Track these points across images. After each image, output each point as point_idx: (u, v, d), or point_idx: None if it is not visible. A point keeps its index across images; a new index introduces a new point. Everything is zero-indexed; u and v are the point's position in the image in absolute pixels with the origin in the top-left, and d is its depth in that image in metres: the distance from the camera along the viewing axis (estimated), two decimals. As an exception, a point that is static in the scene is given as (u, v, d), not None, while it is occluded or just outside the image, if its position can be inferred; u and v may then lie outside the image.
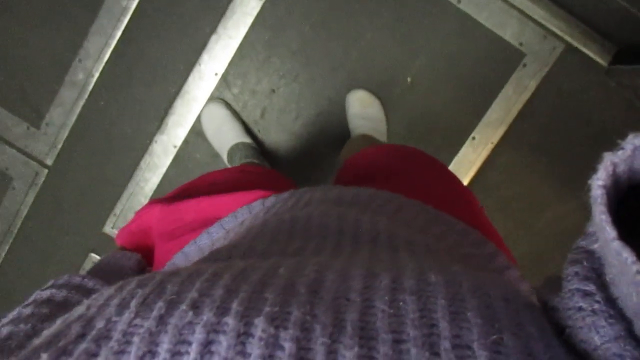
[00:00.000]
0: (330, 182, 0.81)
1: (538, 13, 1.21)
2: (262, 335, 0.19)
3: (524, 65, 1.23)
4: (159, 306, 0.20)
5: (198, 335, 0.19)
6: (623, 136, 0.18)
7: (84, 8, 1.20)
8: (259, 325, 0.19)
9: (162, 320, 0.20)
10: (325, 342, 0.19)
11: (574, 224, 1.29)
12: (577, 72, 1.24)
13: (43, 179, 1.30)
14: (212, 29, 1.20)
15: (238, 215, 0.44)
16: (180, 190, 0.60)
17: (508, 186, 1.30)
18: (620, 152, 0.18)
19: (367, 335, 0.19)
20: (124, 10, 1.19)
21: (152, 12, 1.19)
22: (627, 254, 0.16)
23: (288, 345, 0.18)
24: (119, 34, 1.20)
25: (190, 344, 0.19)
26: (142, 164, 1.28)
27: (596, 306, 0.19)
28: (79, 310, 0.22)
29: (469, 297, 0.21)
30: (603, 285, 0.19)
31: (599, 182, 0.18)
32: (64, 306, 0.34)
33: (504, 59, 1.23)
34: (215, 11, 1.19)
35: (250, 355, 0.18)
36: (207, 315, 0.20)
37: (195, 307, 0.20)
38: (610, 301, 0.19)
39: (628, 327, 0.18)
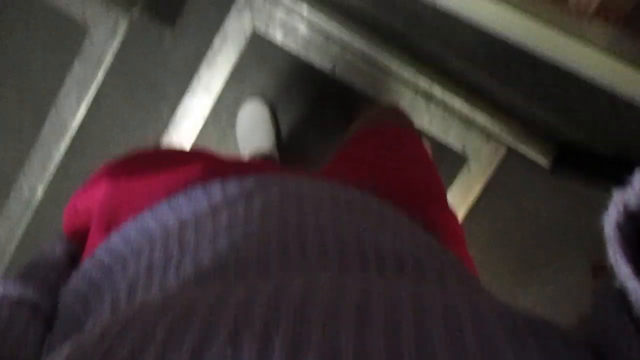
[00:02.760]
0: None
1: (479, 118, 1.23)
2: None
3: (469, 170, 1.25)
4: (191, 338, 0.18)
5: None
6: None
7: (30, 123, 1.20)
8: None
9: (195, 356, 0.17)
10: None
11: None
12: (521, 172, 1.25)
13: None
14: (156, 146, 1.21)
15: (193, 198, 0.36)
16: (131, 160, 0.49)
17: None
18: (629, 190, 0.18)
19: None
20: (67, 127, 1.19)
21: (97, 129, 1.20)
22: None
23: None
24: (63, 148, 1.20)
25: None
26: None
27: (630, 341, 0.18)
28: (91, 336, 0.19)
29: (529, 338, 0.20)
30: (634, 317, 0.19)
31: (610, 220, 0.18)
32: None
33: (448, 163, 1.25)
34: (160, 125, 1.20)
35: None
36: (247, 353, 0.17)
37: (234, 341, 0.18)
38: None
39: None
